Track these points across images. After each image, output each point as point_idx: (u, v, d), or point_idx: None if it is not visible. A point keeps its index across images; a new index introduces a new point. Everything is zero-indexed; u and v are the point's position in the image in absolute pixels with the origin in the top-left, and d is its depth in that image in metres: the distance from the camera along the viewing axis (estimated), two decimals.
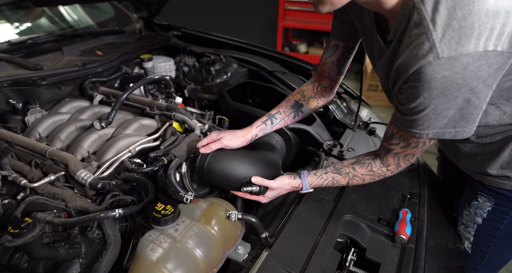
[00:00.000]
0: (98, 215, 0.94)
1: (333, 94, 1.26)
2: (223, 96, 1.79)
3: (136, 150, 1.26)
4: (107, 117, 1.22)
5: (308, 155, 1.54)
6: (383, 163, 1.00)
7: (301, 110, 1.23)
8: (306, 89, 1.23)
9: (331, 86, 1.23)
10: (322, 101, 1.26)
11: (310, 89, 1.23)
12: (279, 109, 1.22)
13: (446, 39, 0.63)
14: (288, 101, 1.23)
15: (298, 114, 1.24)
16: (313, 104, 1.24)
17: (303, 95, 1.23)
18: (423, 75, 0.67)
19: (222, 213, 0.99)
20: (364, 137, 1.61)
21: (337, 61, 1.14)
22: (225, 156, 1.10)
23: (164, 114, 1.46)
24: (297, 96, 1.23)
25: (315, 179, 1.08)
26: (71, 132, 1.37)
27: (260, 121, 1.20)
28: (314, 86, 1.23)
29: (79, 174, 1.08)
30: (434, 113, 0.72)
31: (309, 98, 1.23)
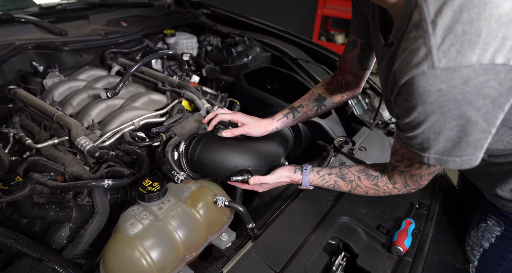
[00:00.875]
0: (88, 183, 0.95)
1: (360, 88, 1.17)
2: (239, 79, 1.74)
3: (140, 124, 1.25)
4: (114, 88, 1.21)
5: (317, 149, 1.47)
6: (389, 179, 0.90)
7: (324, 104, 1.17)
8: (330, 83, 1.16)
9: (355, 81, 1.14)
10: (347, 95, 1.17)
11: (334, 82, 1.16)
12: (302, 102, 1.17)
13: (445, 46, 0.53)
14: (311, 94, 1.18)
15: (321, 108, 1.18)
16: (337, 98, 1.17)
17: (327, 88, 1.17)
18: (416, 87, 0.57)
19: (210, 197, 0.96)
20: (381, 138, 1.51)
21: (357, 57, 1.06)
22: (215, 146, 1.07)
23: (174, 91, 1.44)
24: (321, 89, 1.17)
25: (317, 178, 1.01)
26: (83, 99, 1.38)
27: (282, 114, 1.16)
28: (338, 80, 1.15)
29: (79, 141, 1.09)
30: (432, 132, 0.62)
31: (333, 92, 1.16)
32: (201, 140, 1.12)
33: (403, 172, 0.84)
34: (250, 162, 1.06)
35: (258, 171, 1.07)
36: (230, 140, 1.13)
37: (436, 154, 0.65)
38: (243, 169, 1.05)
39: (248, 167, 1.06)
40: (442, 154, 0.64)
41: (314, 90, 1.19)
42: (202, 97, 1.41)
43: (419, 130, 0.63)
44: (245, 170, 1.05)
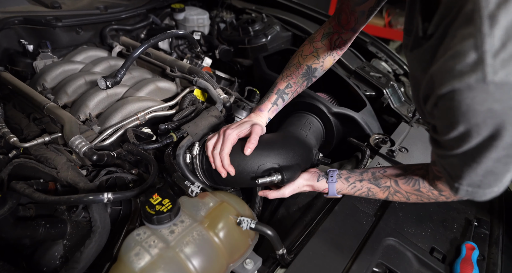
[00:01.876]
0: (84, 197, 0.77)
1: (349, 45, 0.99)
2: (258, 63, 1.52)
3: (145, 118, 1.06)
4: (115, 75, 1.01)
5: (350, 147, 1.27)
6: (433, 185, 0.76)
7: (314, 75, 1.00)
8: (321, 47, 0.96)
9: (351, 39, 0.95)
10: (338, 56, 1.01)
11: (326, 45, 0.96)
12: (289, 80, 0.98)
13: (506, 53, 0.39)
14: (298, 67, 0.98)
15: (310, 80, 1.01)
16: (328, 63, 1.00)
17: (317, 55, 0.96)
18: (457, 103, 0.45)
19: (232, 217, 0.79)
20: (424, 136, 1.30)
21: (368, 11, 0.86)
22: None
23: (185, 77, 1.23)
24: (310, 59, 0.97)
25: (346, 187, 0.86)
26: (79, 86, 1.19)
27: (270, 102, 0.98)
28: (331, 40, 0.95)
29: (73, 141, 0.90)
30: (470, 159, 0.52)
31: (325, 58, 0.97)
32: None
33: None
34: (277, 158, 0.89)
35: (288, 167, 0.89)
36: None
37: (470, 186, 0.57)
38: (270, 168, 0.87)
39: (275, 164, 0.88)
40: (478, 187, 0.56)
41: (300, 60, 0.98)
42: (217, 85, 1.21)
43: (455, 151, 0.52)
44: (273, 169, 0.88)
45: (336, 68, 1.61)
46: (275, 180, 0.85)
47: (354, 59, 1.71)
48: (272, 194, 0.90)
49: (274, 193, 0.90)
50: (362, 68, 1.59)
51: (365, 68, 1.60)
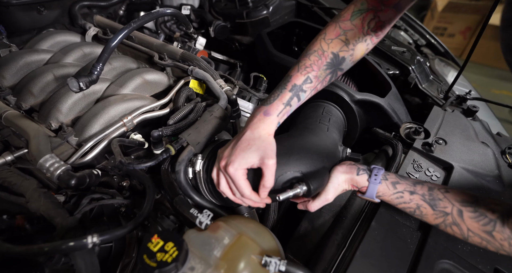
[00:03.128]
0: (60, 245, 0.59)
1: (387, 30, 0.75)
2: (262, 41, 1.29)
3: (133, 123, 0.86)
4: (90, 72, 0.79)
5: (374, 139, 1.09)
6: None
7: (341, 68, 0.76)
8: (351, 28, 0.71)
9: (392, 20, 0.72)
10: (372, 45, 0.77)
11: (357, 25, 0.71)
12: (308, 73, 0.73)
13: None
14: (321, 55, 0.73)
15: (335, 74, 0.76)
16: (360, 51, 0.75)
17: (346, 40, 0.72)
18: None
19: (255, 257, 0.62)
20: (460, 122, 1.12)
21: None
22: None
23: (178, 66, 1.01)
24: (336, 44, 0.72)
25: (390, 193, 0.71)
26: (47, 84, 0.96)
27: (282, 103, 0.72)
28: (364, 21, 0.71)
29: (42, 163, 0.70)
30: None
31: (356, 44, 0.73)
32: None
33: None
34: (297, 164, 0.72)
35: (314, 174, 0.72)
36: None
37: None
38: (291, 178, 0.70)
39: (296, 173, 0.70)
40: None
41: (321, 45, 0.73)
42: (217, 75, 0.99)
43: None
44: (295, 179, 0.71)
45: None
46: (300, 193, 0.68)
47: None
48: (314, 205, 0.73)
49: (316, 202, 0.73)
50: (381, 42, 1.37)
51: (384, 42, 1.38)
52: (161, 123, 0.93)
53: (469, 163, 0.95)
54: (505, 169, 1.00)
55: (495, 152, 1.03)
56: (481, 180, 0.92)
